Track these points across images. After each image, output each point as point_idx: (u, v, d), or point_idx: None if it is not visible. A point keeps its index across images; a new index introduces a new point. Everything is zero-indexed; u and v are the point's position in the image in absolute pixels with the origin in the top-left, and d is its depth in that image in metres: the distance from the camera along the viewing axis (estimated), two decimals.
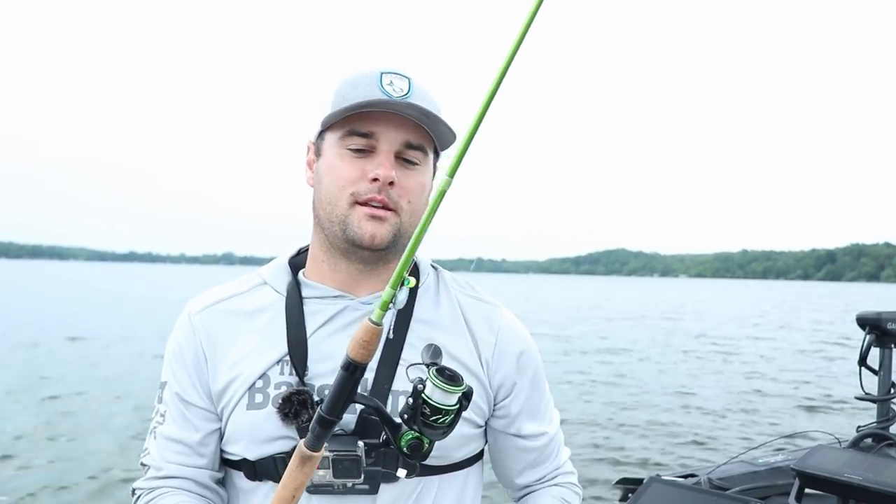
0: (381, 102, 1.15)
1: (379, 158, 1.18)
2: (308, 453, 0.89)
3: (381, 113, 1.17)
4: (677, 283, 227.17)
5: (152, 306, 32.70)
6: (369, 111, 1.17)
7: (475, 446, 1.31)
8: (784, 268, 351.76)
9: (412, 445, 0.89)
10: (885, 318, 2.38)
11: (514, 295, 55.27)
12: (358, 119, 1.18)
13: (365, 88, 1.17)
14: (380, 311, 0.83)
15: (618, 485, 2.42)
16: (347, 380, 0.86)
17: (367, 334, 0.84)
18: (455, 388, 0.89)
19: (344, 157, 1.19)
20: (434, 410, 0.88)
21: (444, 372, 0.89)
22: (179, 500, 1.22)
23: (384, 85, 1.17)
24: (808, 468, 1.88)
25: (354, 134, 1.18)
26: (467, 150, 0.83)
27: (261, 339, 1.24)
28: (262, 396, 1.21)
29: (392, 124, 1.18)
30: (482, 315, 1.33)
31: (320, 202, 1.23)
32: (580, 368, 14.92)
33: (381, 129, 1.18)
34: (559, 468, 1.41)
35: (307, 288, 1.28)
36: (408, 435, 0.89)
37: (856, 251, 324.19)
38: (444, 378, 0.88)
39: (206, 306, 1.30)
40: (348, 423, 1.18)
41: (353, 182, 1.18)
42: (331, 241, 1.24)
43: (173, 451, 1.25)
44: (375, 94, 1.16)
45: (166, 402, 1.28)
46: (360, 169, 1.18)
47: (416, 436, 0.89)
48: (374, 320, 0.83)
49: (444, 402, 0.88)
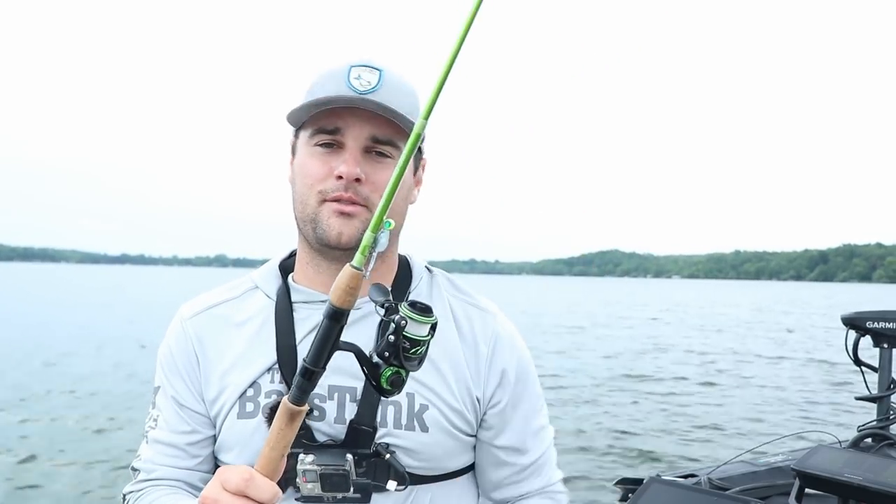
0: (343, 99, 1.14)
1: (345, 155, 1.16)
2: (294, 408, 0.86)
3: (347, 108, 1.15)
4: (669, 283, 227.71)
5: (148, 310, 32.51)
6: (335, 107, 1.15)
7: (467, 458, 1.30)
8: (777, 268, 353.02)
9: (393, 380, 0.87)
10: (865, 317, 2.40)
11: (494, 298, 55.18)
12: (324, 116, 1.17)
13: (332, 84, 1.17)
14: (360, 255, 0.81)
15: (618, 485, 2.42)
16: (332, 328, 0.83)
17: (350, 280, 0.81)
18: (428, 319, 0.88)
19: (313, 155, 1.19)
20: (412, 343, 0.87)
21: (416, 305, 0.88)
22: (164, 492, 1.21)
23: (351, 79, 1.16)
24: (808, 468, 1.88)
25: (321, 131, 1.17)
26: (441, 92, 0.80)
27: (251, 346, 1.23)
28: (252, 405, 1.20)
29: (357, 120, 1.16)
30: (476, 322, 1.30)
31: (295, 202, 1.23)
32: (581, 368, 14.94)
33: (346, 125, 1.16)
34: (545, 488, 1.35)
35: (296, 292, 1.27)
36: (387, 371, 0.87)
37: (848, 252, 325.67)
38: (417, 310, 0.87)
39: (197, 312, 1.29)
40: (338, 433, 1.17)
41: (321, 180, 1.17)
42: (308, 240, 1.23)
43: (165, 455, 1.24)
44: (341, 90, 1.15)
45: (159, 407, 1.27)
46: (327, 166, 1.17)
47: (396, 370, 0.87)
48: (355, 265, 0.81)
49: (418, 333, 0.87)
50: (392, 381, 0.88)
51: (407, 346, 0.87)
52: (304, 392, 0.86)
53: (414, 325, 0.87)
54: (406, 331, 0.86)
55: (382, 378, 0.87)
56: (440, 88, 0.80)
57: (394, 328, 0.86)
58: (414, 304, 0.89)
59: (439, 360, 1.23)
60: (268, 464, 0.89)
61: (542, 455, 1.34)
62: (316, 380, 0.86)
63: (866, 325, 2.39)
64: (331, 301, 0.83)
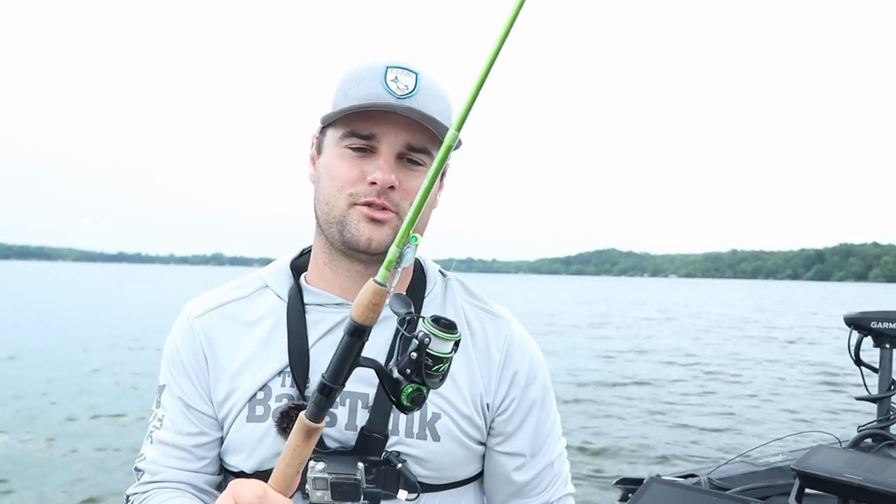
0: (383, 104, 1.10)
1: (379, 161, 1.13)
2: (311, 425, 0.84)
3: (383, 112, 1.12)
4: (667, 282, 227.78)
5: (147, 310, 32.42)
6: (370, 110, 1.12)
7: (476, 467, 1.27)
8: (773, 267, 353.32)
9: (414, 398, 0.86)
10: (868, 317, 2.39)
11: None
12: (358, 119, 1.13)
13: (368, 84, 1.13)
14: (384, 270, 0.80)
15: (618, 485, 2.42)
16: (353, 345, 0.82)
17: (373, 297, 0.80)
18: (452, 336, 0.86)
19: (343, 157, 1.15)
20: (435, 360, 0.85)
21: (439, 321, 0.86)
22: (170, 495, 1.18)
23: (388, 81, 1.13)
24: (808, 468, 1.88)
25: (354, 135, 1.13)
26: (474, 104, 0.78)
27: (262, 347, 1.20)
28: (262, 409, 1.17)
29: (393, 126, 1.13)
30: (489, 329, 1.27)
31: (319, 202, 1.19)
32: (577, 368, 14.94)
33: (381, 131, 1.13)
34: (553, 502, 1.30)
35: (309, 294, 1.24)
36: (408, 388, 0.85)
37: (844, 251, 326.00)
38: (441, 327, 0.85)
39: (206, 310, 1.25)
40: (348, 440, 1.15)
41: (352, 183, 1.14)
42: (331, 242, 1.19)
43: (170, 456, 1.21)
44: (378, 91, 1.12)
45: (165, 407, 1.23)
46: (359, 170, 1.13)
47: (417, 387, 0.86)
48: (379, 281, 0.80)
49: (442, 350, 0.85)
50: (413, 399, 0.86)
51: (430, 364, 0.85)
52: (322, 409, 0.84)
53: (438, 343, 0.85)
54: (430, 348, 0.84)
55: (403, 395, 0.86)
56: (472, 102, 0.78)
57: (416, 345, 0.84)
58: (438, 319, 0.86)
59: (453, 367, 1.21)
60: (282, 480, 0.87)
61: (551, 466, 1.30)
62: (335, 397, 0.84)
63: (870, 326, 2.38)
64: (352, 317, 0.81)
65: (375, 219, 1.13)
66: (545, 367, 1.32)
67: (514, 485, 1.28)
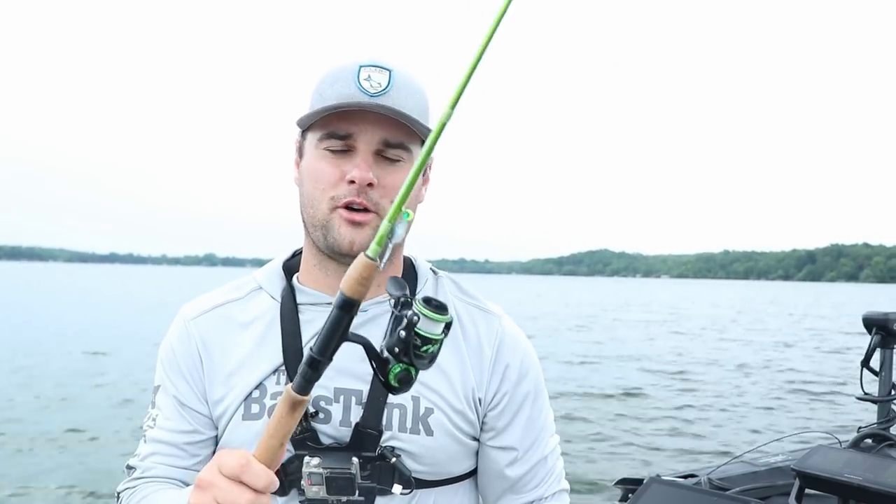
0: (354, 104, 1.12)
1: (356, 159, 1.14)
2: (297, 397, 0.83)
3: (359, 111, 1.13)
4: (659, 283, 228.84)
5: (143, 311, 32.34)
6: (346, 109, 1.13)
7: (470, 463, 1.28)
8: (765, 268, 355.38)
9: (402, 377, 0.85)
10: (892, 318, 2.35)
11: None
12: (335, 119, 1.14)
13: (341, 85, 1.15)
14: (376, 245, 0.78)
15: (618, 485, 2.42)
16: (341, 318, 0.80)
17: (364, 270, 0.78)
18: (442, 317, 0.85)
19: (323, 159, 1.17)
20: (424, 340, 0.84)
21: (430, 302, 0.86)
22: (157, 486, 1.19)
23: (361, 80, 1.14)
24: (808, 468, 1.88)
25: (332, 136, 1.15)
26: (469, 82, 0.76)
27: (257, 347, 1.22)
28: (258, 407, 1.19)
29: (369, 124, 1.14)
30: (481, 325, 1.29)
31: (304, 205, 1.21)
32: (581, 368, 14.99)
33: (358, 130, 1.14)
34: (546, 499, 1.31)
35: (301, 294, 1.26)
36: (396, 367, 0.84)
37: (835, 252, 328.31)
38: (431, 307, 0.85)
39: (201, 312, 1.28)
40: (343, 436, 1.16)
41: (333, 185, 1.15)
42: (317, 245, 1.21)
43: (164, 454, 1.22)
44: (351, 91, 1.13)
45: (159, 406, 1.25)
46: (339, 170, 1.15)
47: (405, 367, 0.85)
48: (370, 255, 0.78)
49: (431, 330, 0.84)
50: (401, 379, 0.85)
51: (418, 344, 0.84)
52: (309, 382, 0.83)
53: (427, 323, 0.84)
54: (418, 327, 0.84)
55: (391, 374, 0.85)
56: (467, 80, 0.76)
57: (406, 323, 0.83)
58: (429, 300, 0.86)
59: (445, 363, 1.22)
60: (266, 451, 0.86)
61: (544, 461, 1.31)
62: (321, 370, 0.82)
63: (894, 327, 2.34)
64: (342, 290, 0.80)
65: (355, 221, 1.15)
66: (537, 363, 1.33)
67: (507, 480, 1.28)
